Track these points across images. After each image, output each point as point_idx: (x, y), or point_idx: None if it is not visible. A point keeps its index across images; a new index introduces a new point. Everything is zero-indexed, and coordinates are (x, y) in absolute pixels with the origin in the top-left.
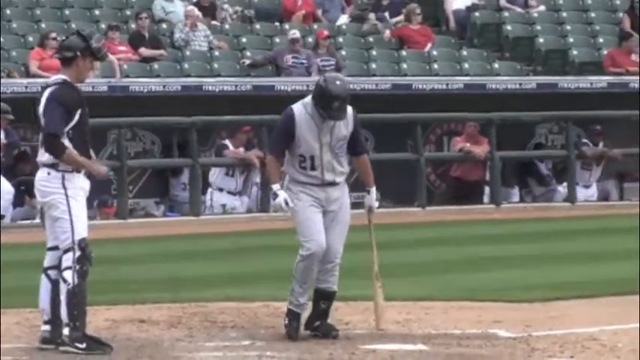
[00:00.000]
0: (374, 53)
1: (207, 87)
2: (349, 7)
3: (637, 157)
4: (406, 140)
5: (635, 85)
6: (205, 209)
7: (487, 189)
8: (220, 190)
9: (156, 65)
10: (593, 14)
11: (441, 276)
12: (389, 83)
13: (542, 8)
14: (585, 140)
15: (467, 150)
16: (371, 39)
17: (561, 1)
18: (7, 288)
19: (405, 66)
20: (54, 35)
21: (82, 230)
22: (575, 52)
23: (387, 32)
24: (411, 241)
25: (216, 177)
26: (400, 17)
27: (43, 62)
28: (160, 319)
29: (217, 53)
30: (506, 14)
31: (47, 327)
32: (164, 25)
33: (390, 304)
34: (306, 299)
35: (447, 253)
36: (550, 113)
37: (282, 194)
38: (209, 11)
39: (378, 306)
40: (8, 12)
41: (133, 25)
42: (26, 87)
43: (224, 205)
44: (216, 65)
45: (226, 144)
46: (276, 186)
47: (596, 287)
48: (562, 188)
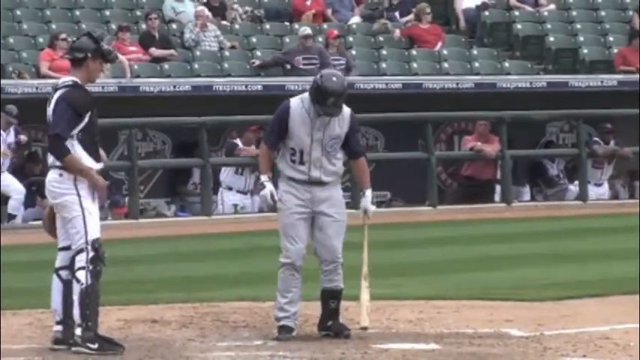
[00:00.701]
0: (384, 52)
1: (217, 87)
2: (359, 7)
3: None
4: (417, 139)
5: None
6: (216, 208)
7: (498, 188)
8: (230, 189)
9: (166, 65)
10: (603, 13)
11: (453, 275)
12: (399, 82)
13: (552, 7)
14: (596, 139)
15: (478, 149)
16: (381, 38)
17: (571, 0)
18: (19, 289)
19: (416, 65)
20: (64, 36)
21: (95, 231)
22: (585, 51)
23: (397, 31)
24: (423, 241)
25: (226, 175)
26: (410, 16)
27: (54, 63)
28: (172, 319)
29: (227, 53)
30: (516, 13)
31: (59, 327)
32: (174, 26)
33: (402, 304)
34: (296, 309)
35: (459, 252)
36: (561, 112)
37: (269, 186)
38: (219, 11)
39: (363, 304)
40: (18, 13)
41: (144, 26)
42: (37, 88)
43: (236, 205)
44: (226, 65)
45: (237, 143)
46: (264, 177)
47: (608, 286)
48: (573, 187)
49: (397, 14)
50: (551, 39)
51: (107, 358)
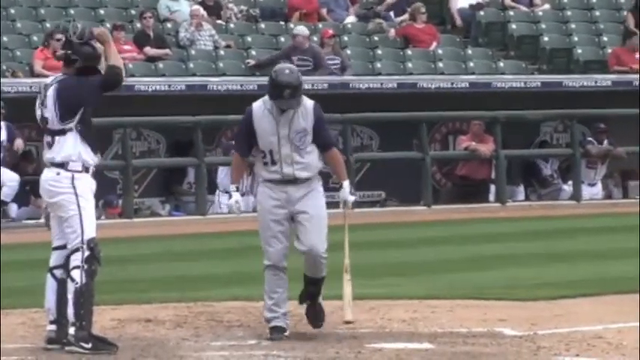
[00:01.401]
0: (379, 52)
1: (212, 86)
2: (354, 7)
3: None
4: (411, 139)
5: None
6: (212, 206)
7: (492, 187)
8: (226, 193)
9: (161, 64)
10: (597, 13)
11: (447, 274)
12: (394, 82)
13: (546, 7)
14: (590, 138)
15: (472, 148)
16: (376, 38)
17: (566, 0)
18: (12, 288)
19: (410, 65)
20: (59, 36)
21: (92, 230)
22: (579, 51)
23: (392, 31)
24: (417, 240)
25: (223, 177)
26: (405, 16)
27: (48, 62)
28: (166, 319)
29: (222, 52)
30: (511, 13)
31: (53, 327)
32: (169, 25)
33: (396, 303)
34: (284, 309)
35: (453, 252)
36: (555, 111)
37: (235, 195)
38: (214, 10)
39: (345, 298)
40: (12, 11)
41: (138, 25)
42: (31, 87)
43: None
44: (221, 64)
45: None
46: (232, 186)
47: (601, 285)
48: (567, 187)
49: (392, 14)
50: (545, 39)
51: (101, 358)
